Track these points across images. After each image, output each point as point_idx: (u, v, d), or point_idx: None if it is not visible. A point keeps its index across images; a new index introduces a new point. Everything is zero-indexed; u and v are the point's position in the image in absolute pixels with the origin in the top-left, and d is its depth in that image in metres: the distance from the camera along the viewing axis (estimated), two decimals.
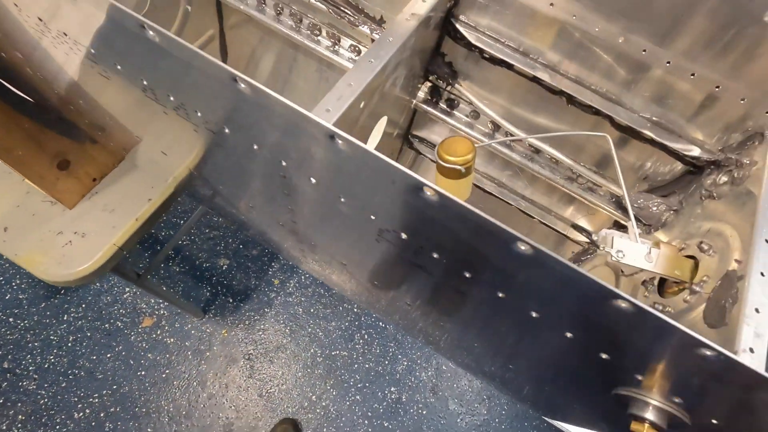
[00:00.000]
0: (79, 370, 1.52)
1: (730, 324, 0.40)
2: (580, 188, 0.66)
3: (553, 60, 0.57)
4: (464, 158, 0.51)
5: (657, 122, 0.55)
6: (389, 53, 0.45)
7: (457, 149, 0.51)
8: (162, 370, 1.58)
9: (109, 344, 1.58)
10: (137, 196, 1.03)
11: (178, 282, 1.73)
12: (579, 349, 0.38)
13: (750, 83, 0.48)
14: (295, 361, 1.68)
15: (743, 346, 0.37)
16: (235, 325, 1.70)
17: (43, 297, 1.61)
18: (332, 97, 0.41)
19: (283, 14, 0.71)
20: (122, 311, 1.65)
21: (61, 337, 1.56)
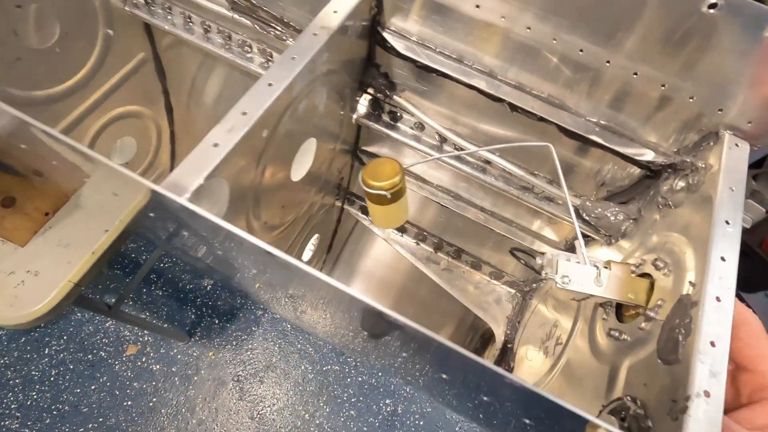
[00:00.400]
0: (63, 404, 1.49)
1: (684, 360, 0.35)
2: (537, 198, 0.61)
3: (490, 65, 0.53)
4: (389, 182, 0.46)
5: (606, 126, 0.50)
6: (293, 73, 0.41)
7: (381, 173, 0.47)
8: (149, 398, 1.54)
9: (93, 375, 1.54)
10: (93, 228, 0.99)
11: (162, 306, 1.70)
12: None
13: (696, 80, 0.43)
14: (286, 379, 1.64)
15: (697, 389, 0.32)
16: (222, 346, 1.66)
17: (23, 331, 1.58)
18: (221, 130, 0.37)
19: (212, 32, 0.67)
20: (105, 340, 1.61)
21: (43, 372, 1.52)
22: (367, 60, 0.59)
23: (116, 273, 1.69)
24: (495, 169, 0.63)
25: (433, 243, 0.84)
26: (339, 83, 0.54)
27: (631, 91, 0.48)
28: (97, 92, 0.68)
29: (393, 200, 0.48)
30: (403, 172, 0.48)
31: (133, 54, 0.72)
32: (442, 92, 0.60)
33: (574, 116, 0.52)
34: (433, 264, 0.83)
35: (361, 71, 0.60)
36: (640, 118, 0.50)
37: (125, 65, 0.71)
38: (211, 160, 0.36)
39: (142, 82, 0.76)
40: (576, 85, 0.50)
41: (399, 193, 0.48)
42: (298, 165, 0.54)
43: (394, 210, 0.49)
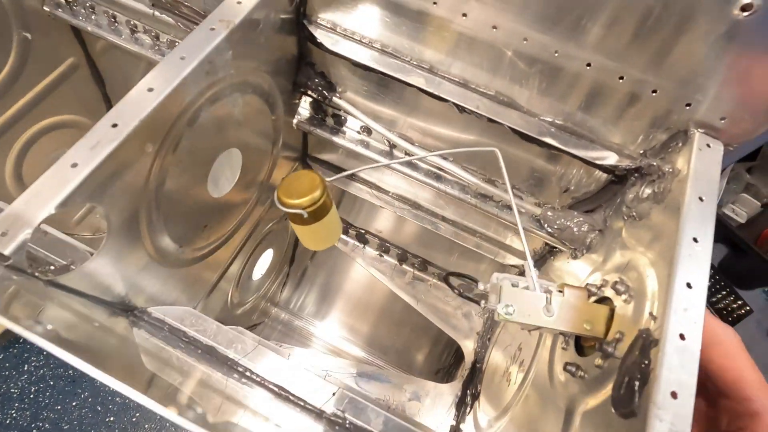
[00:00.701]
0: (44, 422, 1.45)
1: (640, 413, 0.29)
2: (497, 207, 0.55)
3: (431, 61, 0.46)
4: (307, 199, 0.40)
5: (562, 126, 0.44)
6: (179, 76, 0.35)
7: (297, 189, 0.40)
8: (132, 413, 1.50)
9: (74, 391, 1.50)
10: None
11: None
12: None
13: (658, 70, 0.37)
14: None
15: None
16: None
17: (0, 348, 1.54)
18: (84, 146, 0.31)
19: (139, 32, 0.61)
20: None
21: (22, 389, 1.49)
22: (301, 58, 0.53)
23: None
24: (450, 176, 0.57)
25: (397, 254, 0.78)
26: (260, 87, 0.48)
27: (585, 86, 0.41)
28: (19, 101, 0.63)
29: (315, 219, 0.42)
30: (325, 187, 0.42)
31: (60, 59, 0.66)
32: (388, 93, 0.53)
33: (526, 116, 0.45)
34: (398, 277, 0.77)
35: (295, 71, 0.54)
36: (599, 117, 0.43)
37: (52, 71, 0.65)
38: (66, 184, 0.30)
39: (76, 89, 0.70)
40: (525, 81, 0.43)
41: (321, 210, 0.42)
42: (217, 180, 0.48)
43: (319, 230, 0.43)
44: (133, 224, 0.39)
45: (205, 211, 0.49)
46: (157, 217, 0.41)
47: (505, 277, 0.39)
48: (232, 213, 0.56)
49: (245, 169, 0.53)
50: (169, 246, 0.45)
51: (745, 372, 0.32)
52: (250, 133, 0.51)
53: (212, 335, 0.43)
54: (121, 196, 0.35)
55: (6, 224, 0.28)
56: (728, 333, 0.33)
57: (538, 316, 0.37)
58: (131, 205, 0.37)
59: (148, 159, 0.36)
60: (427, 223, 0.65)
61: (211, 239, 0.52)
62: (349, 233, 0.79)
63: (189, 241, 0.48)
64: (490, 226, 0.64)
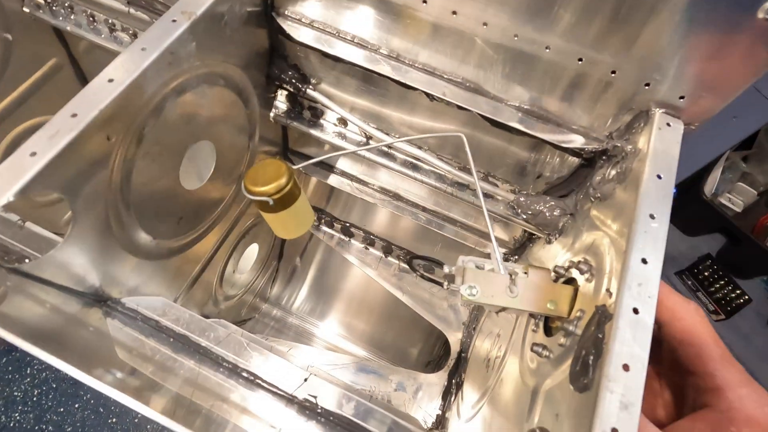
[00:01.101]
0: (47, 425, 1.47)
1: (593, 387, 0.29)
2: (474, 195, 0.55)
3: (398, 49, 0.46)
4: (272, 186, 0.40)
5: (528, 110, 0.44)
6: (140, 67, 0.35)
7: (262, 177, 0.41)
8: (134, 414, 1.52)
9: (77, 394, 1.52)
10: None
11: None
12: None
13: (615, 50, 0.37)
14: None
15: (603, 425, 0.26)
16: None
17: (3, 352, 1.56)
18: (43, 135, 0.31)
19: (117, 30, 0.61)
20: None
21: (25, 392, 1.50)
22: (273, 51, 0.54)
23: None
24: (427, 165, 0.57)
25: (382, 247, 0.78)
26: (231, 79, 0.49)
27: (547, 69, 0.41)
28: (2, 102, 0.64)
29: (281, 207, 0.42)
30: (291, 174, 0.42)
31: (43, 60, 0.67)
32: (361, 83, 0.54)
33: (494, 101, 0.45)
34: (384, 270, 0.77)
35: (267, 64, 0.54)
36: (563, 100, 0.43)
37: (35, 72, 0.66)
38: (24, 173, 0.31)
39: (61, 89, 0.71)
40: (490, 66, 0.44)
41: (288, 198, 0.42)
42: (191, 171, 0.48)
43: (288, 218, 0.43)
44: (101, 215, 0.39)
45: (179, 203, 0.50)
46: (126, 208, 0.41)
47: (470, 260, 0.39)
48: (209, 206, 0.56)
49: (221, 163, 0.53)
50: (142, 237, 0.45)
51: (706, 348, 0.32)
52: (223, 126, 0.51)
53: (185, 324, 0.43)
54: (85, 186, 0.36)
55: None
56: (690, 308, 0.33)
57: (502, 296, 0.37)
58: (96, 195, 0.38)
59: (111, 149, 0.37)
60: (408, 214, 0.65)
61: (188, 232, 0.53)
62: (334, 227, 0.80)
63: (163, 234, 0.48)
64: (470, 216, 0.64)
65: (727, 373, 0.31)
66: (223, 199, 0.59)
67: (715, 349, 0.32)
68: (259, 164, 0.42)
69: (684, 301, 0.33)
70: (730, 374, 0.30)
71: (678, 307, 0.33)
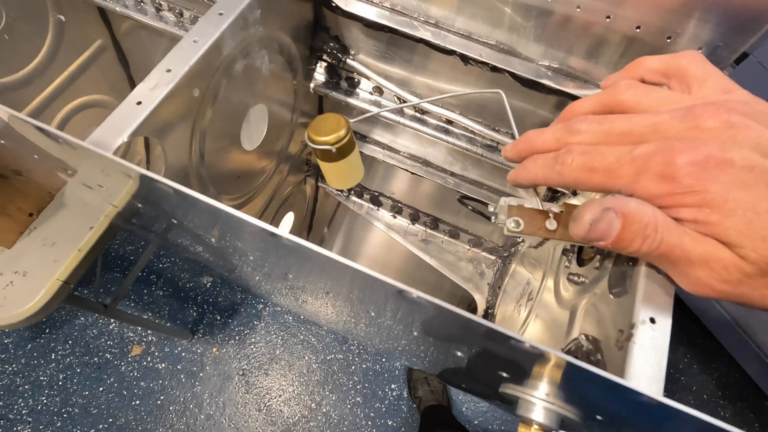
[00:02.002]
0: (73, 407, 1.51)
1: (631, 290, 0.33)
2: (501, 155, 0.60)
3: (436, 16, 0.51)
4: (334, 136, 0.45)
5: (558, 69, 0.49)
6: (219, 29, 0.40)
7: (325, 128, 0.46)
8: (156, 396, 1.56)
9: (100, 377, 1.56)
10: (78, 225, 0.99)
11: (163, 306, 1.71)
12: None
13: (640, 6, 0.41)
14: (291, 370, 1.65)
15: (642, 316, 0.31)
16: (226, 341, 1.67)
17: (28, 338, 1.60)
18: (145, 88, 0.36)
19: (163, 10, 0.66)
20: (110, 342, 1.63)
21: (51, 377, 1.55)
22: (316, 23, 0.58)
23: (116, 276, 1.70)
24: (458, 129, 0.62)
25: (410, 214, 0.83)
26: (284, 48, 0.53)
27: (576, 29, 0.46)
28: (55, 81, 0.68)
29: (340, 156, 0.47)
30: (349, 127, 0.47)
31: (89, 41, 0.71)
32: (398, 52, 0.58)
33: (525, 62, 0.50)
34: (411, 236, 0.82)
35: (311, 36, 0.59)
36: (589, 57, 0.48)
37: (83, 53, 0.71)
38: (134, 118, 0.35)
39: (104, 70, 0.75)
40: (523, 29, 0.48)
41: (346, 148, 0.47)
42: (249, 132, 0.53)
43: (345, 167, 0.48)
44: (184, 164, 0.44)
45: (239, 163, 0.54)
46: (201, 161, 0.46)
47: (512, 199, 0.44)
48: (259, 171, 0.61)
49: (269, 133, 0.58)
50: (209, 190, 0.50)
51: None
52: (275, 93, 0.56)
53: None
54: (176, 134, 0.40)
55: None
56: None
57: (542, 229, 0.42)
58: (183, 145, 0.42)
59: (195, 103, 0.42)
60: (438, 179, 0.70)
61: (243, 191, 0.58)
62: (363, 197, 0.85)
63: (225, 189, 0.53)
64: (494, 179, 0.69)
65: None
66: (267, 167, 0.64)
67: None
68: (319, 118, 0.47)
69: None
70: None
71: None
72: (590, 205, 0.26)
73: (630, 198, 0.25)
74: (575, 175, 0.27)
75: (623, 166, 0.25)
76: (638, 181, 0.24)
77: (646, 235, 0.24)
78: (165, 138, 0.39)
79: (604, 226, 0.25)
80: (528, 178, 0.32)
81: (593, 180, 0.26)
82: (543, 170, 0.30)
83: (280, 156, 0.66)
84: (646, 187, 0.24)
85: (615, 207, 0.25)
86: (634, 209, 0.24)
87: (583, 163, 0.27)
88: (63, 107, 0.71)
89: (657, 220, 0.24)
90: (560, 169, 0.28)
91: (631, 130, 0.26)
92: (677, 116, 0.25)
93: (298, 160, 0.73)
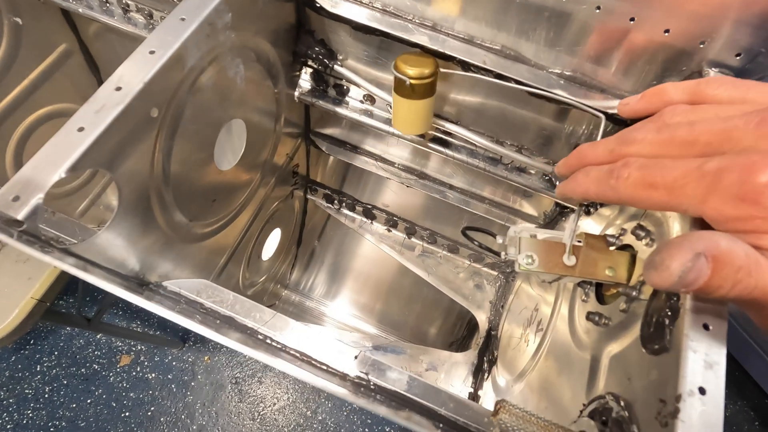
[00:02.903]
0: (60, 420, 1.46)
1: (672, 349, 0.28)
2: (507, 170, 0.54)
3: (434, 18, 0.45)
4: (415, 71, 0.43)
5: (571, 77, 0.43)
6: (181, 37, 0.34)
7: (414, 61, 0.44)
8: (147, 407, 1.52)
9: (88, 389, 1.51)
10: None
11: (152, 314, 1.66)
12: None
13: (669, 7, 0.36)
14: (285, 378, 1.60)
15: (689, 386, 0.26)
16: (218, 349, 1.62)
17: (12, 350, 1.55)
18: (88, 110, 0.30)
19: (131, 11, 0.60)
20: (97, 353, 1.58)
21: (36, 390, 1.50)
22: (299, 26, 0.52)
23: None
24: (458, 140, 0.56)
25: (405, 228, 0.77)
26: (262, 55, 0.47)
27: (595, 32, 0.40)
28: (15, 90, 0.62)
29: (413, 94, 0.46)
30: (436, 75, 0.45)
31: (53, 45, 0.65)
32: (390, 57, 0.52)
33: (534, 69, 0.44)
34: (407, 251, 0.76)
35: (294, 41, 0.53)
36: (609, 64, 0.42)
37: (46, 58, 0.64)
38: (74, 148, 0.29)
39: (71, 76, 0.69)
40: (532, 32, 0.43)
41: (421, 90, 0.45)
42: (223, 151, 0.47)
43: (419, 109, 0.47)
44: (144, 194, 0.38)
45: (213, 184, 0.48)
46: (166, 188, 0.40)
47: (523, 229, 0.39)
48: (239, 189, 0.55)
49: (249, 146, 0.52)
50: (179, 219, 0.44)
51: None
52: (253, 107, 0.50)
53: (230, 305, 0.42)
54: (130, 163, 0.35)
55: (17, 189, 0.27)
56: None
57: (560, 265, 0.37)
58: (141, 173, 0.36)
59: (153, 125, 0.36)
60: (435, 192, 0.64)
61: (220, 214, 0.52)
62: (355, 209, 0.79)
63: (198, 215, 0.47)
64: (498, 193, 0.64)
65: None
66: (250, 182, 0.58)
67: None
68: (414, 52, 0.46)
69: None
70: None
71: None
72: (677, 250, 0.21)
73: (717, 233, 0.21)
74: (631, 192, 0.24)
75: (690, 183, 0.21)
76: (708, 201, 0.21)
77: (737, 281, 0.21)
78: (117, 168, 0.33)
79: (693, 275, 0.21)
80: (579, 192, 0.28)
81: (653, 198, 0.23)
82: (596, 184, 0.27)
83: (264, 169, 0.60)
84: (718, 209, 0.21)
85: (706, 250, 0.20)
86: (726, 250, 0.20)
87: (641, 178, 0.23)
88: (25, 118, 0.65)
89: (750, 262, 0.20)
90: (615, 184, 0.25)
91: (696, 138, 0.23)
92: (752, 121, 0.21)
93: (285, 172, 0.67)
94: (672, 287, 0.22)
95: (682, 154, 0.23)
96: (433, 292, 0.78)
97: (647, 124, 0.26)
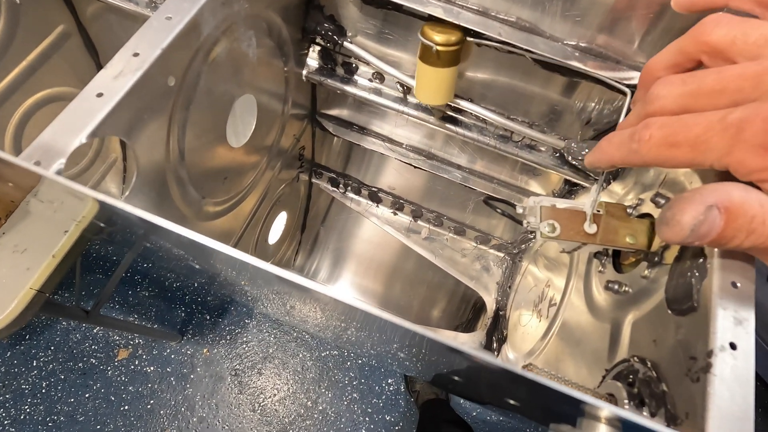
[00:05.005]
0: (58, 415, 1.45)
1: (701, 307, 0.28)
2: (517, 147, 0.54)
3: None
4: (443, 37, 0.44)
5: (586, 48, 0.43)
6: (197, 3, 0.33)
7: (444, 29, 0.45)
8: (146, 401, 1.50)
9: (86, 383, 1.50)
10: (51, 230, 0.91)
11: (150, 307, 1.64)
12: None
13: None
14: (285, 368, 1.60)
15: (720, 341, 0.26)
16: (216, 341, 1.61)
17: (7, 345, 1.52)
18: (107, 76, 0.29)
19: None
20: (94, 347, 1.56)
21: (33, 385, 1.48)
22: (308, 2, 0.51)
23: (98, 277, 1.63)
24: (468, 118, 0.56)
25: (412, 211, 0.77)
26: (274, 30, 0.47)
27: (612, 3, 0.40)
28: (12, 72, 0.60)
29: (438, 62, 0.46)
30: (463, 43, 0.46)
31: (51, 26, 0.64)
32: (400, 32, 0.52)
33: (549, 41, 0.44)
34: (414, 234, 0.76)
35: (303, 16, 0.52)
36: (625, 35, 0.42)
37: (43, 40, 0.63)
38: (94, 115, 0.29)
39: (69, 59, 0.68)
40: (548, 3, 0.42)
41: (447, 58, 0.46)
42: (235, 127, 0.46)
43: (444, 77, 0.47)
44: (160, 167, 0.37)
45: (225, 162, 0.48)
46: (181, 162, 0.40)
47: (542, 199, 0.38)
48: (248, 170, 0.54)
49: (258, 126, 0.51)
50: (192, 194, 0.44)
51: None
52: (264, 81, 0.49)
53: None
54: (148, 132, 0.34)
55: (38, 154, 0.27)
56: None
57: (581, 233, 0.37)
58: (158, 144, 0.36)
59: (170, 94, 0.35)
60: (443, 172, 0.64)
61: (231, 193, 0.51)
62: (361, 193, 0.79)
63: (210, 192, 0.47)
64: (506, 171, 0.64)
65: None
66: (258, 164, 0.57)
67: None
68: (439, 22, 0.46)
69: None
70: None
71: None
72: (687, 204, 0.21)
73: (731, 184, 0.21)
74: (655, 153, 0.23)
75: (713, 137, 0.21)
76: (732, 152, 0.20)
77: (751, 230, 0.20)
78: (135, 137, 0.32)
79: (706, 227, 0.21)
80: (605, 160, 0.27)
81: (678, 156, 0.22)
82: (619, 150, 0.26)
83: (271, 152, 0.59)
84: (741, 160, 0.20)
85: (718, 202, 0.20)
86: (738, 201, 0.20)
87: (663, 138, 0.23)
88: (23, 102, 0.64)
89: (765, 211, 0.20)
90: (637, 147, 0.24)
91: (725, 86, 0.22)
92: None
93: (290, 156, 0.67)
94: (684, 241, 0.22)
95: (712, 104, 0.22)
96: (438, 275, 0.78)
97: (671, 77, 0.25)
